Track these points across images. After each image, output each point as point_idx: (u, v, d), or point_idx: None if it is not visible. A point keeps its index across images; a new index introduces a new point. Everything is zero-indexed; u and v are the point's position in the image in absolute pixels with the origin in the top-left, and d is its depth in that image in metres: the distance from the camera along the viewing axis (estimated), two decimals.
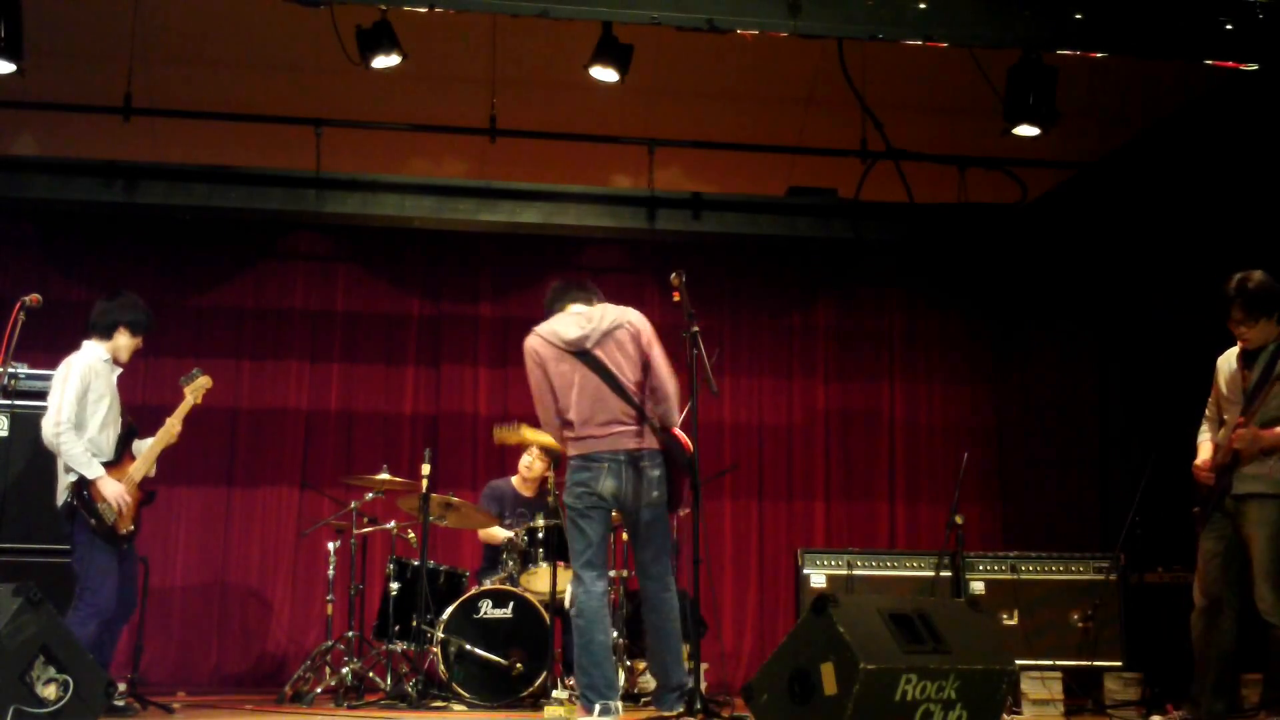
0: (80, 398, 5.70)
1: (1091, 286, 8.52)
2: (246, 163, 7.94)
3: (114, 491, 5.68)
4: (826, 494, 9.25)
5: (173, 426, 6.00)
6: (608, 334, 5.32)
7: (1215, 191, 7.34)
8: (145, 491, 5.95)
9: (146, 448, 5.99)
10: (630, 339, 5.32)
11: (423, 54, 6.98)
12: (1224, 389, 5.38)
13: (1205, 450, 5.38)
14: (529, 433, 6.69)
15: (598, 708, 5.03)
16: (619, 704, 5.13)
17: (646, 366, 5.31)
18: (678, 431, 5.40)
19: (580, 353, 5.29)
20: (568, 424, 5.30)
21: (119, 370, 6.01)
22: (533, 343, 5.43)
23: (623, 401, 5.23)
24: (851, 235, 8.37)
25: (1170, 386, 7.19)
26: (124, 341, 5.98)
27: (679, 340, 5.41)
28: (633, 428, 5.22)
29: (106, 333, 5.94)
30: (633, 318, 5.39)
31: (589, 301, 5.52)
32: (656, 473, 5.24)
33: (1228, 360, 5.42)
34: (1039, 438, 9.08)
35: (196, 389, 6.08)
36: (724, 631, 8.63)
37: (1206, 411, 5.50)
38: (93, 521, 5.62)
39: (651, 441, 5.26)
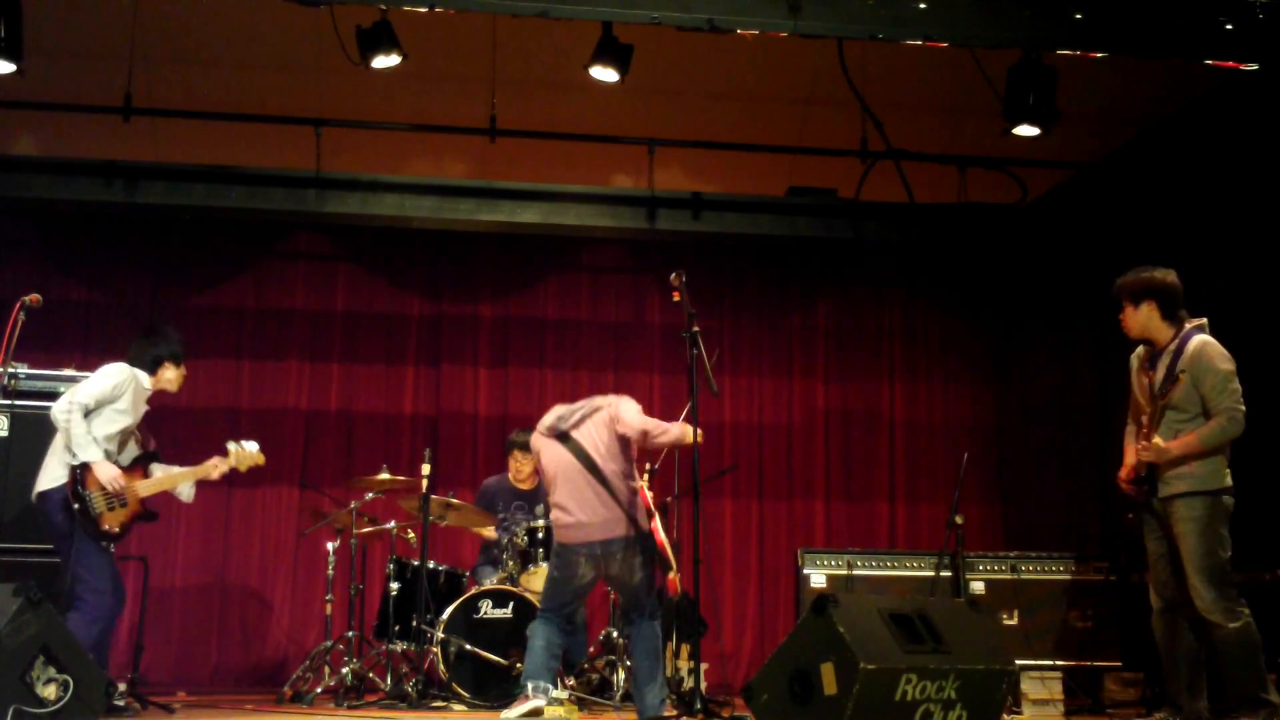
0: (104, 397, 5.67)
1: (1092, 287, 8.49)
2: (246, 163, 7.94)
3: (109, 476, 5.59)
4: (826, 494, 9.25)
5: (210, 471, 5.97)
6: (585, 418, 5.50)
7: (1215, 191, 7.34)
8: (147, 509, 5.87)
9: (169, 472, 5.94)
10: (603, 422, 5.49)
11: (423, 54, 6.98)
12: (1135, 392, 5.45)
13: (1128, 455, 5.42)
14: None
15: (530, 687, 5.34)
16: (546, 684, 5.39)
17: (626, 445, 5.47)
18: (658, 530, 5.51)
19: (558, 435, 5.51)
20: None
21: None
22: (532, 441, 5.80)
23: (600, 489, 5.39)
24: (851, 235, 8.37)
25: None
26: (171, 375, 5.98)
27: (679, 340, 5.41)
28: (608, 516, 5.38)
29: (151, 368, 5.92)
30: (604, 401, 5.59)
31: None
32: (638, 558, 5.41)
33: (1135, 360, 5.48)
34: (1039, 438, 9.08)
35: (245, 459, 5.99)
36: (724, 631, 8.62)
37: (1130, 415, 5.54)
38: (76, 506, 5.52)
39: (628, 530, 5.39)
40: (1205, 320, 5.36)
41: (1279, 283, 6.86)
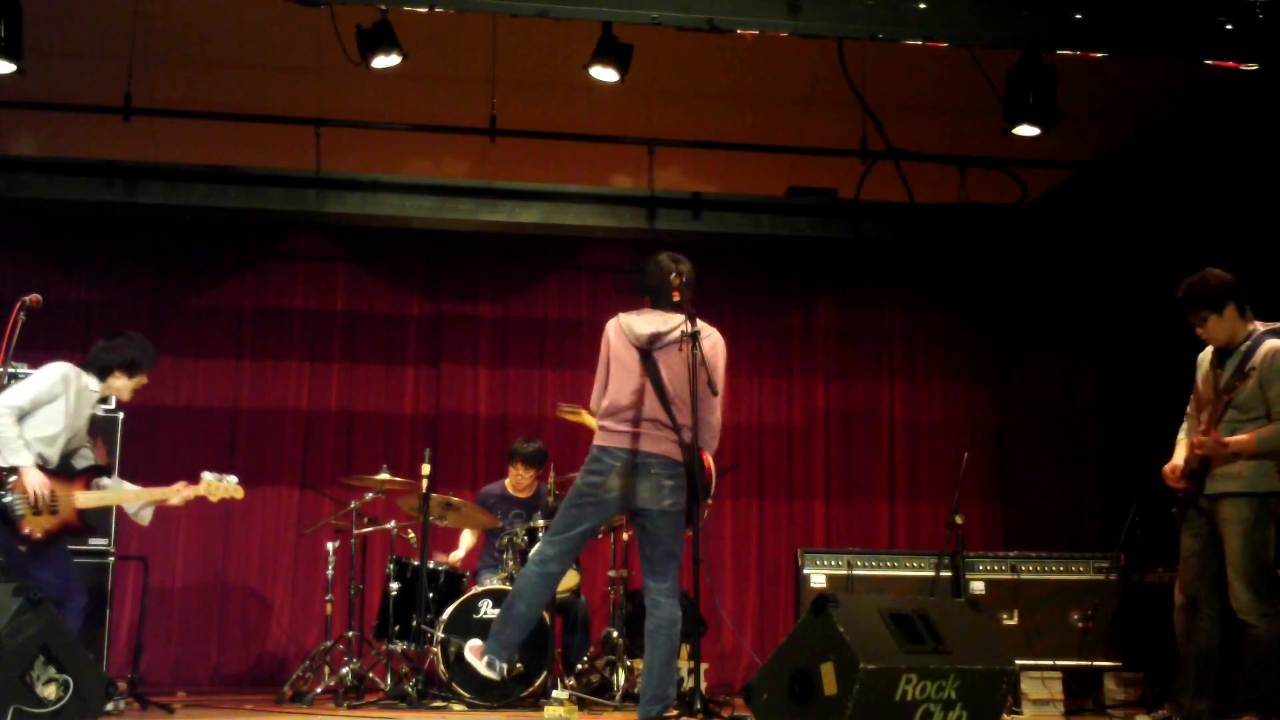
0: (39, 398, 5.46)
1: (1091, 287, 8.52)
2: (246, 163, 7.93)
3: (35, 482, 5.34)
4: (826, 494, 9.25)
5: (171, 496, 5.74)
6: (676, 342, 5.22)
7: (1215, 191, 7.34)
8: (83, 521, 5.58)
9: (121, 489, 5.73)
10: (702, 356, 5.18)
11: (423, 54, 6.98)
12: (1200, 387, 5.41)
13: (1179, 453, 5.39)
14: (589, 418, 6.63)
15: (485, 660, 5.14)
16: (505, 666, 5.17)
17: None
18: (707, 457, 5.34)
19: (644, 351, 5.24)
20: (604, 410, 5.26)
21: (104, 406, 5.82)
22: (610, 324, 5.38)
23: (660, 407, 5.18)
24: (851, 235, 8.37)
25: (1170, 386, 7.18)
26: (121, 384, 5.76)
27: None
28: (658, 434, 5.17)
29: (100, 374, 5.71)
30: (715, 339, 5.30)
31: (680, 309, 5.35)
32: (670, 482, 5.15)
33: (1205, 358, 5.45)
34: (1039, 438, 9.08)
35: (217, 490, 5.82)
36: (724, 631, 8.62)
37: (1188, 409, 5.52)
38: None
39: (673, 451, 5.18)
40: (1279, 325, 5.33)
41: (1278, 281, 6.85)
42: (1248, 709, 5.08)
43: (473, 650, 5.26)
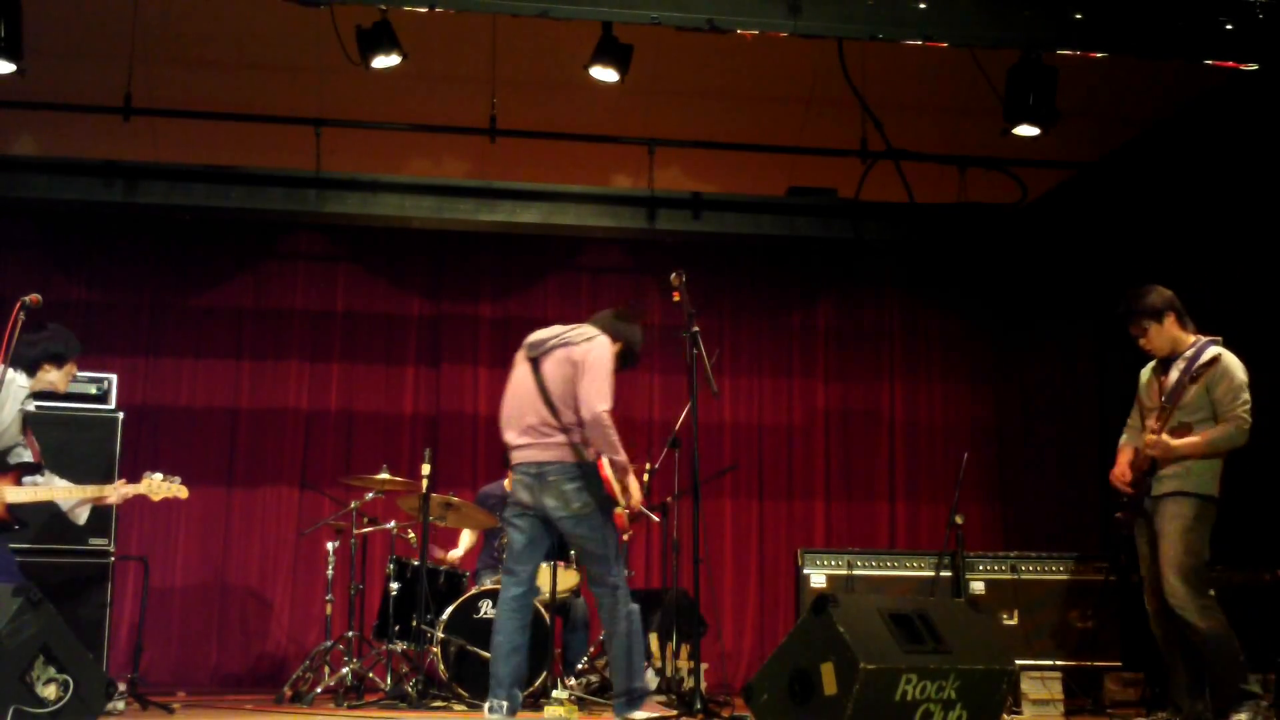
0: None
1: (1091, 287, 8.51)
2: (246, 163, 7.94)
3: None
4: (826, 494, 9.25)
5: (109, 495, 5.67)
6: (555, 348, 5.26)
7: (1215, 191, 7.34)
8: (13, 519, 5.50)
9: (53, 485, 5.64)
10: (570, 363, 5.20)
11: (423, 54, 6.98)
12: (1144, 398, 5.51)
13: (1121, 459, 5.47)
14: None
15: (487, 705, 5.15)
16: (504, 703, 5.13)
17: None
18: (604, 468, 5.28)
19: (530, 360, 5.31)
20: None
21: (31, 404, 5.78)
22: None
23: (545, 413, 5.18)
24: (851, 235, 8.37)
25: None
26: (53, 376, 5.70)
27: (679, 340, 5.41)
28: (545, 440, 5.17)
29: (30, 369, 5.64)
30: (586, 339, 5.26)
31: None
32: (570, 485, 5.13)
33: (1146, 370, 5.55)
34: (1039, 438, 9.08)
35: (159, 490, 5.74)
36: (724, 631, 8.63)
37: (1130, 419, 5.61)
38: None
39: (569, 455, 5.15)
40: (1221, 338, 5.42)
41: (1278, 282, 6.86)
42: (1230, 705, 5.14)
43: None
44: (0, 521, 5.50)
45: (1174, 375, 5.33)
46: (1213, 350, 5.29)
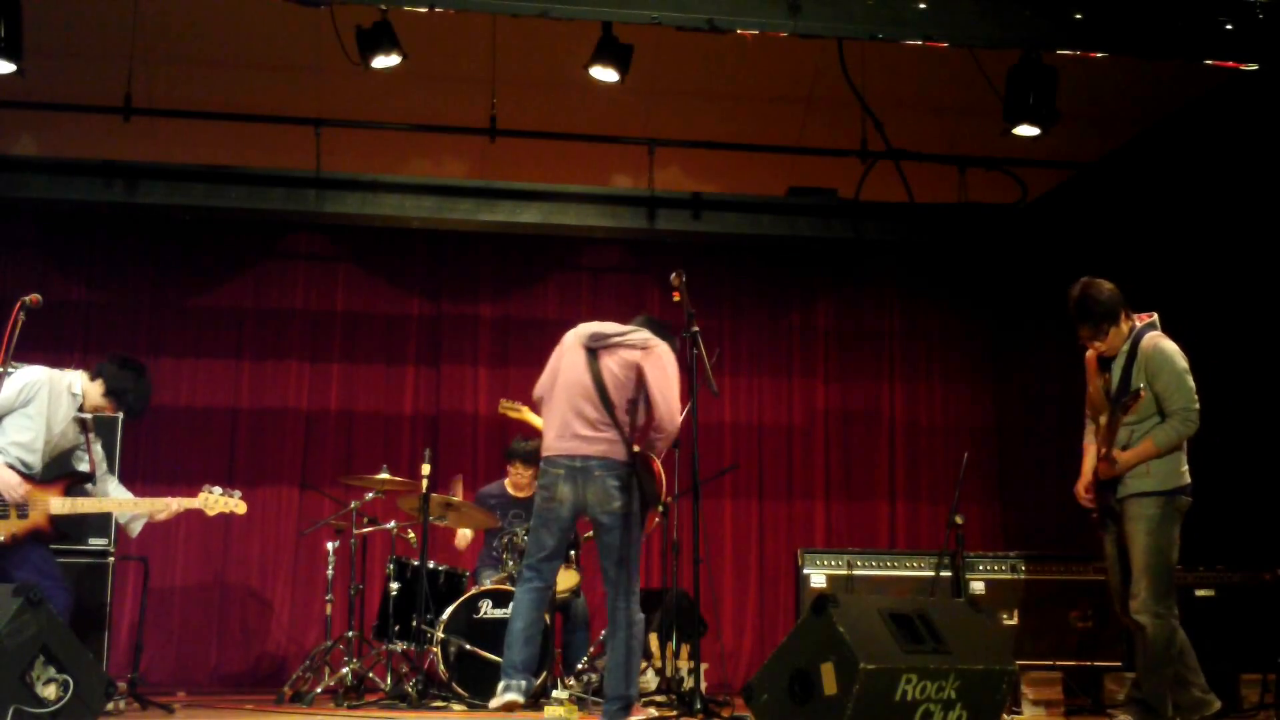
0: (9, 403, 5.50)
1: None
2: (246, 163, 7.94)
3: (5, 483, 5.38)
4: (826, 494, 9.25)
5: (160, 511, 5.73)
6: (618, 346, 5.16)
7: (1215, 192, 7.34)
8: (55, 530, 5.56)
9: (103, 499, 5.69)
10: (630, 365, 5.12)
11: (423, 54, 6.98)
12: (1092, 394, 5.47)
13: (1087, 461, 5.46)
14: (530, 415, 6.66)
15: (500, 685, 5.06)
16: (521, 683, 5.04)
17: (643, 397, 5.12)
18: (657, 464, 5.23)
19: (589, 350, 5.18)
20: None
21: (83, 414, 5.76)
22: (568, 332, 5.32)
23: (599, 406, 5.08)
24: (851, 235, 8.38)
25: None
26: (101, 403, 5.80)
27: (679, 340, 5.41)
28: (594, 434, 5.07)
29: (100, 384, 5.76)
30: (645, 346, 5.17)
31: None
32: (614, 482, 5.04)
33: (1090, 360, 5.49)
34: (1039, 438, 9.07)
35: (215, 505, 5.80)
36: (724, 631, 8.63)
37: (1086, 411, 5.56)
38: None
39: (617, 452, 5.08)
40: (1155, 316, 5.40)
41: (1278, 282, 6.86)
42: (1127, 706, 5.15)
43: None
44: (41, 532, 5.53)
45: (1117, 373, 5.30)
46: (1148, 340, 5.25)
